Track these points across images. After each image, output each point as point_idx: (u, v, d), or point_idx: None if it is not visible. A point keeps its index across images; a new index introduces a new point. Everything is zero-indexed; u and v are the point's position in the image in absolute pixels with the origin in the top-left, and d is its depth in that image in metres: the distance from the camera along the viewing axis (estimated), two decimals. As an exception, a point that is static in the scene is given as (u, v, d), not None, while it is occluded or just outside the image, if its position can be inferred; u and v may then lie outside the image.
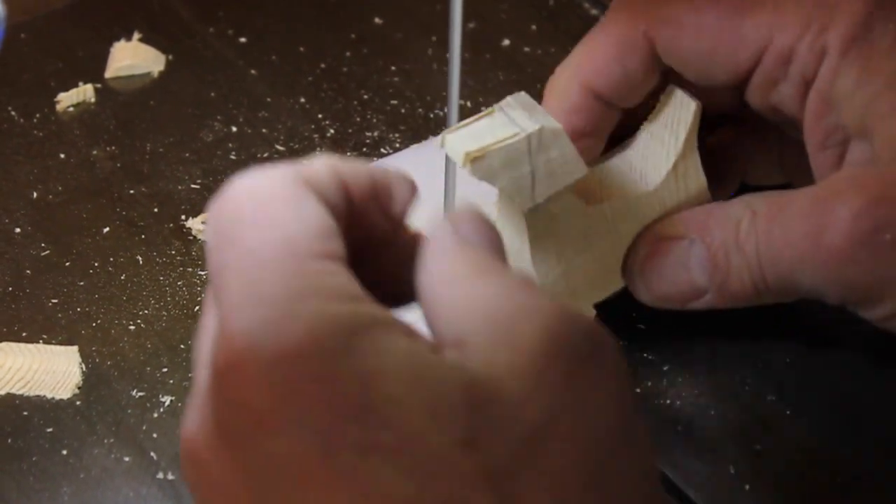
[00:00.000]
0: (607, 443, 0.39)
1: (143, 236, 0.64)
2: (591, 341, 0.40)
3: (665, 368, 0.58)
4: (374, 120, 0.69)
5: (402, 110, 0.70)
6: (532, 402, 0.39)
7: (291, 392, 0.38)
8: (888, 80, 0.53)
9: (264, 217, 0.41)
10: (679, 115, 0.57)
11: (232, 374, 0.39)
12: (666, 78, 0.58)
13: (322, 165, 0.43)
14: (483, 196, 0.60)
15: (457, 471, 0.38)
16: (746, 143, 0.60)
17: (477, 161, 0.51)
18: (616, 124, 0.59)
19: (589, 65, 0.57)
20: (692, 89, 0.57)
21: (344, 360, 0.38)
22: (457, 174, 0.56)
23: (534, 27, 0.75)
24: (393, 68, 0.72)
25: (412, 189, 0.45)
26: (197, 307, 0.61)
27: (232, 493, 0.40)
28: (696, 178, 0.57)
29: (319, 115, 0.70)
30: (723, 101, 0.58)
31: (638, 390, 0.57)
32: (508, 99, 0.53)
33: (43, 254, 0.63)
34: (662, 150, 0.57)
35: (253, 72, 0.72)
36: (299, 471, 0.39)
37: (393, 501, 0.38)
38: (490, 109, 0.52)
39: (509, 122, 0.52)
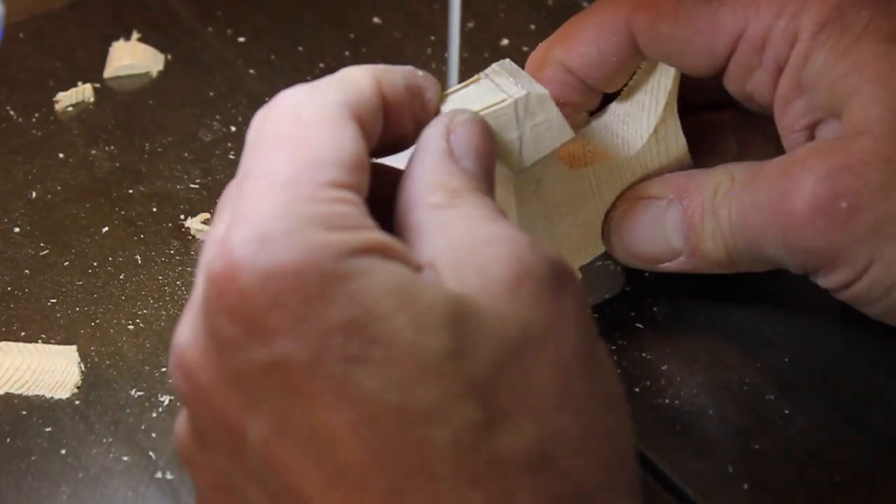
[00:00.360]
0: (575, 363, 0.41)
1: (141, 236, 0.64)
2: (555, 270, 0.42)
3: (663, 368, 0.58)
4: (373, 119, 0.69)
5: (401, 110, 0.70)
6: (506, 320, 0.41)
7: (282, 304, 0.40)
8: (856, 63, 0.54)
9: (300, 138, 0.43)
10: (659, 80, 0.58)
11: (226, 281, 0.41)
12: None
13: (366, 82, 0.46)
14: None
15: (443, 380, 0.40)
16: (745, 124, 0.61)
17: None
18: (600, 102, 0.60)
19: (565, 42, 0.58)
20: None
21: (335, 280, 0.40)
22: None
23: (532, 27, 0.75)
24: (392, 68, 0.72)
25: (439, 91, 0.49)
26: (196, 307, 0.61)
27: (218, 397, 0.42)
28: (677, 142, 0.59)
29: (318, 115, 0.70)
30: (712, 90, 0.59)
31: (636, 389, 0.57)
32: (494, 66, 0.53)
33: (41, 253, 0.63)
34: (643, 114, 0.58)
35: (252, 71, 0.72)
36: (285, 378, 0.40)
37: (380, 408, 0.39)
38: (476, 77, 0.53)
39: (496, 88, 0.52)
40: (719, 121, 0.62)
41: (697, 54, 0.56)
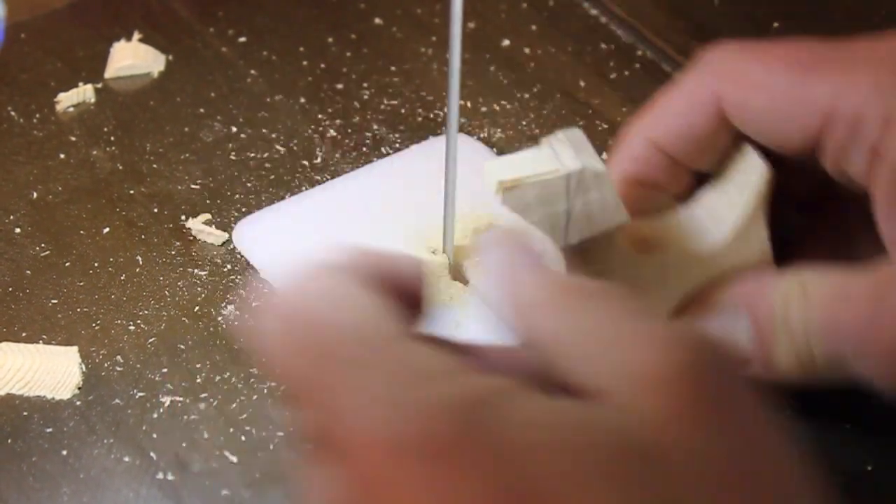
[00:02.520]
0: (771, 480, 0.38)
1: (142, 236, 0.64)
2: (719, 369, 0.38)
3: (664, 368, 0.58)
4: (374, 120, 0.69)
5: (402, 110, 0.70)
6: (686, 455, 0.37)
7: (435, 480, 0.35)
8: None
9: (332, 318, 0.39)
10: (748, 177, 0.55)
11: (360, 469, 0.37)
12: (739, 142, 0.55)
13: (344, 255, 0.42)
14: (481, 202, 0.60)
15: None
16: (851, 222, 0.56)
17: (509, 191, 0.50)
18: (689, 185, 0.56)
19: (654, 117, 0.55)
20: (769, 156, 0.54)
21: (479, 439, 0.36)
22: (457, 178, 0.56)
23: (534, 27, 0.75)
24: (393, 68, 0.72)
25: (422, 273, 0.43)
26: (196, 307, 0.60)
27: None
28: (760, 246, 0.55)
29: (319, 115, 0.70)
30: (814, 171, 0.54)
31: (637, 390, 0.57)
32: (559, 134, 0.51)
33: (43, 254, 0.63)
34: (729, 210, 0.55)
35: (253, 72, 0.72)
36: None
37: None
38: (541, 142, 0.51)
39: (553, 157, 0.50)
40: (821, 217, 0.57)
41: (788, 130, 0.52)
